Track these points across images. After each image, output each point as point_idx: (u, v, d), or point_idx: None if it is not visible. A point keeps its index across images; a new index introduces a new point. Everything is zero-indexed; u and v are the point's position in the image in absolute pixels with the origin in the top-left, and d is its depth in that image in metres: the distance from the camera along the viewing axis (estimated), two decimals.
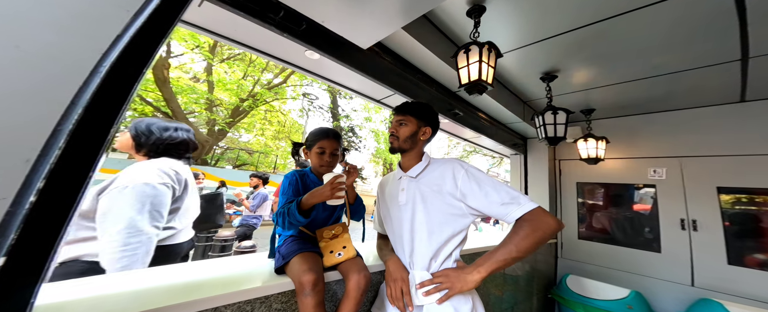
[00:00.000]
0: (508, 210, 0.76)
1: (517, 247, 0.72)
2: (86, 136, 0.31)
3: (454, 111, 1.82)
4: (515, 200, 0.76)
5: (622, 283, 2.04)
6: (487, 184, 0.81)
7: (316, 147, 1.00)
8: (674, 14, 1.10)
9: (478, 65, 1.04)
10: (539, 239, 0.72)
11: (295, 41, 1.05)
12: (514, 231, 0.75)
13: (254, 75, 10.08)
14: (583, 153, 2.08)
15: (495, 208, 0.78)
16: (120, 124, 0.36)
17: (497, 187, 0.80)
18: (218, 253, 2.54)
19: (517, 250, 0.72)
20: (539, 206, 0.76)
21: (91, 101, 0.32)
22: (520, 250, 0.72)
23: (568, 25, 1.23)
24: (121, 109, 0.34)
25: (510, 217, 0.76)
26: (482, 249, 1.79)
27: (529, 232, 0.72)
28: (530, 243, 0.72)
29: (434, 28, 1.38)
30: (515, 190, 0.79)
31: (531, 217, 0.74)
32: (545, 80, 1.65)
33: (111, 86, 0.34)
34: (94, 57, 0.34)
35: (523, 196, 0.78)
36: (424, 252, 0.84)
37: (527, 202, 0.76)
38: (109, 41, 0.36)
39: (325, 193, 0.81)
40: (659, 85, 1.70)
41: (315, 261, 0.83)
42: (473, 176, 0.83)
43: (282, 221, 0.83)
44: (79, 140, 0.30)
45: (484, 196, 0.79)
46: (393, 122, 0.97)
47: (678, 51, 1.35)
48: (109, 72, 0.34)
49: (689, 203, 1.92)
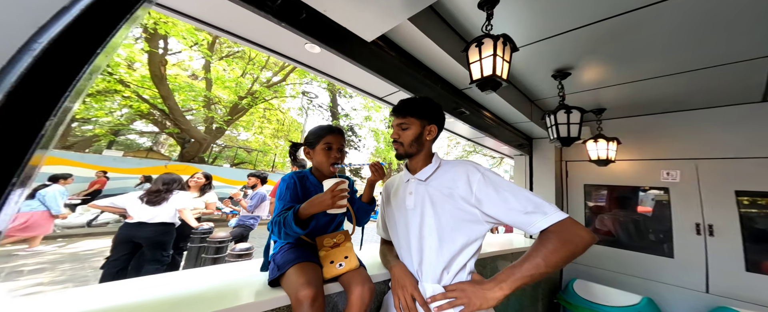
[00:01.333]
0: (531, 220, 0.68)
1: (546, 261, 0.64)
2: (5, 132, 0.23)
3: (460, 110, 1.75)
4: (540, 209, 0.68)
5: (632, 289, 1.97)
6: (506, 189, 0.73)
7: (322, 143, 0.92)
8: (705, 6, 1.03)
9: (492, 60, 0.96)
10: (570, 254, 0.63)
11: (294, 32, 0.96)
12: (541, 243, 0.67)
13: (253, 73, 9.97)
14: (592, 154, 2.01)
15: (515, 216, 0.69)
16: (62, 117, 0.28)
17: (518, 193, 0.72)
18: (213, 255, 2.46)
19: (546, 265, 0.64)
20: (569, 216, 0.68)
21: (15, 87, 0.24)
22: (550, 265, 0.63)
23: (588, 18, 1.15)
24: (60, 98, 0.26)
25: (533, 228, 0.68)
26: (497, 253, 1.73)
27: (559, 246, 0.64)
28: (560, 258, 0.63)
29: (442, 21, 1.31)
30: (539, 197, 0.71)
31: (560, 229, 0.65)
32: (557, 78, 1.57)
33: (47, 69, 0.26)
34: (27, 31, 0.26)
35: (548, 204, 0.69)
36: (435, 262, 0.76)
37: (555, 211, 0.67)
38: (51, 13, 0.28)
39: (326, 202, 0.73)
40: (679, 83, 1.61)
41: (314, 273, 0.76)
42: (490, 180, 0.75)
43: (278, 231, 0.75)
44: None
45: (502, 203, 0.71)
46: (394, 126, 0.88)
47: (706, 46, 1.27)
48: (47, 51, 0.26)
49: (705, 207, 1.84)
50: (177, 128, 8.52)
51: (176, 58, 9.44)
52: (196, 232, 2.58)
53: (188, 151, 9.09)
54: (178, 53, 9.53)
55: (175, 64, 9.32)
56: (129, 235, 2.23)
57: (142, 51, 7.14)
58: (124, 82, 7.30)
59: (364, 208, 0.96)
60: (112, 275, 2.22)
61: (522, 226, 0.69)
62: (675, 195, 1.98)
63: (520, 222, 0.69)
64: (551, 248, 0.64)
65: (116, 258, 2.25)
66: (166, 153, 12.66)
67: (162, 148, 13.94)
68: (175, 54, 9.35)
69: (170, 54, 8.76)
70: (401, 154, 0.87)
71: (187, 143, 9.41)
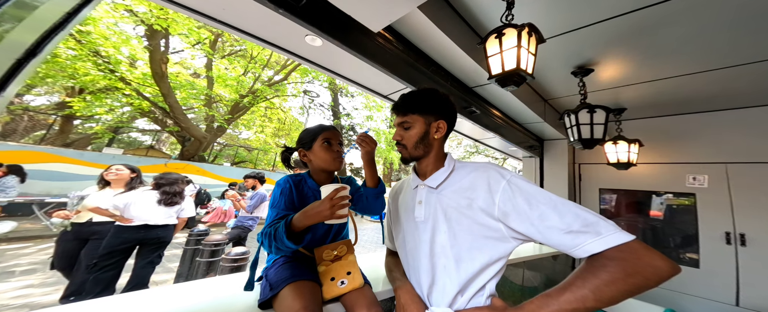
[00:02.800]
0: (578, 241, 0.53)
1: (597, 294, 0.50)
2: None
3: (471, 109, 1.64)
4: (592, 228, 0.53)
5: (652, 300, 1.86)
6: (543, 201, 0.58)
7: (320, 140, 0.83)
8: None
9: (515, 51, 0.85)
10: (635, 288, 0.48)
11: (294, 20, 0.86)
12: (591, 270, 0.52)
13: (255, 71, 9.89)
14: (611, 157, 1.89)
15: (555, 235, 0.55)
16: None
17: (560, 206, 0.56)
18: (207, 258, 2.36)
19: (597, 299, 0.49)
20: (636, 239, 0.52)
21: None
22: (602, 300, 0.49)
23: (614, 10, 1.05)
24: None
25: (580, 251, 0.54)
26: (524, 259, 1.59)
27: (620, 277, 0.49)
28: (619, 291, 0.49)
29: (454, 12, 1.20)
30: (590, 212, 0.56)
31: (622, 255, 0.50)
32: (578, 75, 1.46)
33: None
34: None
35: (604, 221, 0.54)
36: (449, 284, 0.64)
37: (614, 231, 0.52)
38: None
39: (324, 213, 0.62)
40: (709, 81, 1.50)
41: (311, 294, 0.65)
42: (519, 189, 0.61)
43: (268, 244, 0.65)
44: None
45: (537, 219, 0.57)
46: (395, 126, 0.75)
47: (739, 42, 1.16)
48: None
49: (737, 215, 1.73)
50: (177, 126, 8.46)
51: (178, 56, 9.38)
52: (191, 234, 2.48)
53: (188, 150, 9.03)
54: (180, 51, 9.48)
55: (177, 62, 9.27)
56: (134, 238, 2.13)
57: (145, 49, 7.08)
58: (126, 80, 7.24)
59: (371, 192, 0.83)
60: (107, 280, 2.12)
61: (565, 248, 0.56)
62: (702, 201, 1.86)
63: (563, 243, 0.55)
64: (607, 279, 0.49)
65: (111, 262, 2.14)
66: (167, 151, 12.62)
67: (163, 146, 13.91)
68: (178, 52, 9.30)
69: (173, 52, 8.70)
70: (406, 157, 0.74)
71: (187, 141, 9.35)
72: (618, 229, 0.53)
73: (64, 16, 0.32)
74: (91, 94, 8.03)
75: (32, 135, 9.61)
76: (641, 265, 0.49)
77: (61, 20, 0.32)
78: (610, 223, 0.54)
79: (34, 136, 9.52)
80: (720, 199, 1.80)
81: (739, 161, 1.78)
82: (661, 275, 0.49)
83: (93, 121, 9.92)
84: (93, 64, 6.71)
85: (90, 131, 10.19)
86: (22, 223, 4.95)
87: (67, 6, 0.33)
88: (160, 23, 6.27)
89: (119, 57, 6.88)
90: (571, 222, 0.55)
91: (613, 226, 0.54)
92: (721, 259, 1.75)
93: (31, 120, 9.81)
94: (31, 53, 0.30)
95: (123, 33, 6.77)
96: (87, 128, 10.40)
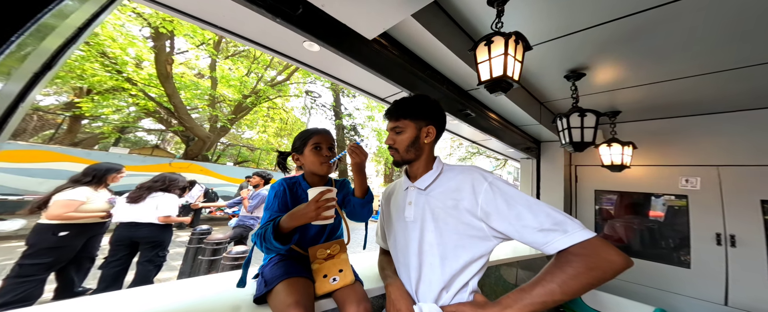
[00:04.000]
0: (548, 238, 0.59)
1: (563, 288, 0.55)
2: None
3: (466, 111, 1.67)
4: (560, 226, 0.59)
5: (644, 299, 1.88)
6: (520, 202, 0.64)
7: (311, 144, 0.86)
8: (731, 4, 0.94)
9: (502, 59, 0.88)
10: (596, 280, 0.54)
11: (291, 29, 0.90)
12: (558, 265, 0.58)
13: (258, 72, 10.00)
14: (606, 159, 1.91)
15: (529, 234, 0.61)
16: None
17: (534, 207, 0.62)
18: (209, 257, 2.43)
19: (563, 292, 0.55)
20: (597, 236, 0.58)
21: None
22: (567, 293, 0.55)
23: (607, 15, 1.07)
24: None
25: (550, 248, 0.60)
26: (502, 261, 1.64)
27: (582, 271, 0.54)
28: (582, 285, 0.54)
29: (449, 19, 1.23)
30: (559, 212, 0.62)
31: (584, 251, 0.56)
32: (571, 78, 1.49)
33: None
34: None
35: (571, 220, 0.60)
36: (434, 281, 0.69)
37: (578, 229, 0.58)
38: None
39: (309, 214, 0.66)
40: (702, 85, 1.51)
41: (304, 290, 0.69)
42: (499, 191, 0.67)
43: (259, 244, 0.69)
44: None
45: (515, 218, 0.63)
46: (388, 131, 0.80)
47: (731, 46, 1.17)
48: None
49: (727, 216, 1.75)
50: (181, 126, 8.58)
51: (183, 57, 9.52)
52: (194, 233, 2.55)
53: (192, 149, 9.15)
54: (185, 52, 9.62)
55: (182, 62, 9.41)
56: (127, 235, 2.20)
57: (151, 50, 7.21)
58: (132, 80, 7.37)
59: (358, 202, 0.85)
60: (112, 276, 2.19)
61: (537, 246, 0.61)
62: (694, 203, 1.88)
63: (535, 241, 0.61)
64: (572, 273, 0.55)
65: (117, 258, 2.22)
66: (172, 151, 12.80)
67: (168, 145, 14.10)
68: (183, 53, 9.43)
69: (178, 53, 8.84)
70: (398, 161, 0.79)
71: (191, 141, 9.48)
72: (582, 228, 0.59)
73: (75, 32, 0.36)
74: (98, 95, 8.19)
75: (41, 134, 9.81)
76: (600, 260, 0.55)
77: (73, 35, 0.36)
78: (576, 222, 0.60)
79: (43, 136, 9.72)
80: (711, 201, 1.81)
81: (731, 164, 1.79)
82: (615, 269, 0.55)
83: (100, 121, 10.10)
84: (100, 65, 6.84)
85: (97, 131, 10.39)
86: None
87: (79, 21, 0.36)
88: (165, 26, 6.39)
89: (126, 58, 7.01)
90: (543, 221, 0.60)
91: (579, 225, 0.59)
92: (712, 259, 1.77)
93: (41, 120, 10.02)
94: (47, 66, 0.34)
95: (130, 34, 6.90)
96: (94, 128, 10.59)
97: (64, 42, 0.35)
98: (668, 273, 1.92)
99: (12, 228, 4.31)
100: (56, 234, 1.94)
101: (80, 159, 6.70)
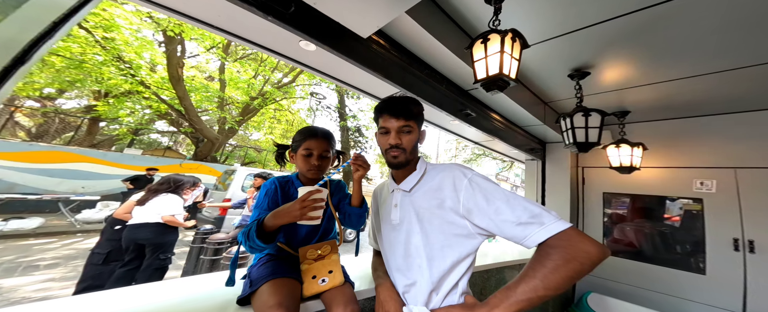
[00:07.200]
0: (526, 232, 0.58)
1: (545, 282, 0.53)
2: None
3: (466, 111, 1.64)
4: (537, 219, 0.58)
5: (655, 306, 1.80)
6: (498, 197, 0.63)
7: (302, 148, 0.84)
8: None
9: (498, 57, 0.86)
10: (574, 272, 0.53)
11: (285, 27, 0.90)
12: (538, 260, 0.56)
13: (265, 74, 10.18)
14: (614, 161, 1.83)
15: (508, 228, 0.60)
16: None
17: (511, 201, 0.62)
18: (211, 256, 2.46)
19: (545, 287, 0.53)
20: (572, 227, 0.57)
21: None
22: (549, 287, 0.53)
23: (613, 11, 1.03)
24: None
25: (529, 241, 0.59)
26: (494, 266, 1.60)
27: (561, 263, 0.53)
28: (562, 278, 0.53)
29: (446, 17, 1.21)
30: (536, 205, 0.61)
31: (560, 243, 0.55)
32: (575, 78, 1.44)
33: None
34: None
35: (547, 212, 0.59)
36: (423, 283, 0.68)
37: (554, 221, 0.57)
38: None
39: (293, 213, 0.64)
40: (718, 84, 1.43)
41: (289, 292, 0.68)
42: (478, 187, 0.65)
43: (244, 242, 0.68)
44: None
45: (494, 213, 0.62)
46: (394, 130, 0.73)
47: (749, 41, 1.10)
48: None
49: (746, 221, 1.65)
50: (192, 128, 8.81)
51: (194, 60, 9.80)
52: (198, 233, 2.59)
53: (202, 150, 9.38)
54: (196, 56, 9.90)
55: (193, 66, 9.68)
56: (131, 237, 2.24)
57: (163, 54, 7.45)
58: (145, 84, 7.64)
59: (355, 212, 0.85)
60: (124, 274, 2.24)
61: (517, 240, 0.60)
62: (710, 207, 1.78)
63: (515, 235, 0.60)
64: (551, 267, 0.54)
65: (126, 261, 2.27)
66: (183, 152, 13.16)
67: (180, 147, 14.51)
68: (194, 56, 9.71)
69: (189, 56, 9.10)
70: (402, 162, 0.75)
71: (200, 142, 9.72)
72: (558, 219, 0.58)
73: (50, 26, 0.35)
74: (114, 98, 8.52)
75: (62, 136, 10.27)
76: (576, 250, 0.54)
77: (48, 29, 0.35)
78: (552, 214, 0.59)
79: (64, 138, 10.17)
80: (728, 205, 1.71)
81: (750, 166, 1.69)
82: (592, 259, 0.53)
83: (117, 123, 10.49)
84: (116, 69, 7.12)
85: (114, 133, 10.79)
86: (49, 219, 5.29)
87: (54, 15, 0.35)
88: (173, 29, 6.59)
89: (140, 62, 7.27)
90: (521, 214, 0.59)
91: (554, 216, 0.59)
92: (729, 266, 1.67)
93: (62, 122, 10.49)
94: (19, 61, 0.33)
95: (145, 39, 7.16)
96: (111, 130, 11.01)
97: (38, 36, 0.35)
98: (682, 279, 1.82)
99: (30, 226, 4.51)
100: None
101: (97, 160, 6.97)
